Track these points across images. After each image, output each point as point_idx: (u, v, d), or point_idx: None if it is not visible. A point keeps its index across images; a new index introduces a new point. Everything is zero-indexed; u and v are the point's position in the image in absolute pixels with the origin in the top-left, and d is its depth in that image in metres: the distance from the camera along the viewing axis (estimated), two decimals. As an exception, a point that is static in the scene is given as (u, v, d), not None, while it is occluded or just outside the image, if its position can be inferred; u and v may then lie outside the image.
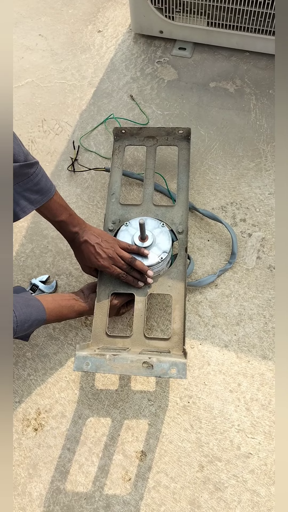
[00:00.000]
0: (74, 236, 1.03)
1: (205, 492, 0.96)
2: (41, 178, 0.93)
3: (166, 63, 1.58)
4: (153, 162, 1.23)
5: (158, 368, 0.84)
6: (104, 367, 0.85)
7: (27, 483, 1.01)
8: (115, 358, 0.85)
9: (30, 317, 0.91)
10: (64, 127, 1.48)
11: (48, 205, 0.96)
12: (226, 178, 1.33)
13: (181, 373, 0.83)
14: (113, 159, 1.25)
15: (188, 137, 1.24)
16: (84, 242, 1.03)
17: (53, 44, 1.69)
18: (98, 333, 1.03)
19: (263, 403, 1.03)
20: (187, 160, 1.22)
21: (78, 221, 1.04)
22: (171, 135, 1.25)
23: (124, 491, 0.98)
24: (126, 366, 0.85)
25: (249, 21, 1.40)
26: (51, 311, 0.97)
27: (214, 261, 1.21)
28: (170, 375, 0.83)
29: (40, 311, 0.94)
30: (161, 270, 1.08)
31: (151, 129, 1.25)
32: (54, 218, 1.00)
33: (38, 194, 0.93)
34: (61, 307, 1.01)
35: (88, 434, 1.04)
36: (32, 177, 0.90)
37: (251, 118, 1.43)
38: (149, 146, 1.25)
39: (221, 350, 1.10)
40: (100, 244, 1.02)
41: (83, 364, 0.86)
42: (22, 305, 0.90)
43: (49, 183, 0.95)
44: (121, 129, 1.26)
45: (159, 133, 1.25)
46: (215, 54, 1.58)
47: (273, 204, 1.28)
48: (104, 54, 1.63)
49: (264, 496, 0.95)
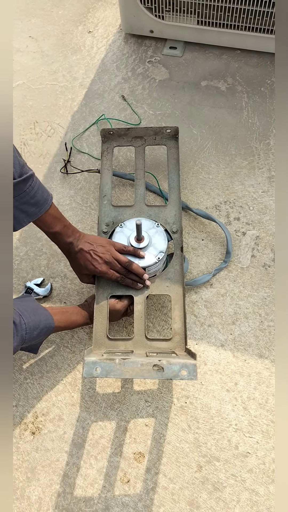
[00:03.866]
0: (69, 247, 1.03)
1: (204, 492, 0.96)
2: (37, 190, 0.92)
3: (157, 62, 1.58)
4: (143, 162, 1.22)
5: (168, 370, 0.83)
6: (115, 372, 0.84)
7: (26, 487, 1.00)
8: (125, 362, 0.85)
9: (39, 324, 0.91)
10: (56, 129, 1.48)
11: (43, 217, 0.96)
12: (219, 177, 1.33)
13: (192, 374, 0.83)
14: (102, 161, 1.24)
15: (176, 135, 1.23)
16: (79, 251, 1.02)
17: (43, 46, 1.68)
18: (99, 336, 1.02)
19: (260, 402, 1.03)
20: (176, 159, 1.21)
21: (73, 231, 1.03)
22: (159, 134, 1.24)
23: (123, 493, 0.98)
24: (136, 369, 0.84)
25: (239, 19, 1.39)
26: (59, 318, 0.98)
27: (209, 260, 1.21)
28: (181, 377, 0.83)
29: (48, 319, 0.94)
30: (158, 270, 1.08)
31: (139, 129, 1.24)
32: (48, 229, 1.00)
33: (35, 206, 0.93)
34: (69, 314, 1.01)
35: (86, 437, 1.03)
36: (28, 190, 0.90)
37: (243, 116, 1.43)
38: (137, 146, 1.25)
39: (218, 349, 1.10)
40: (95, 250, 1.02)
41: (92, 370, 0.85)
42: (30, 313, 0.90)
43: (45, 194, 0.95)
44: (109, 130, 1.25)
45: (146, 133, 1.24)
46: (206, 53, 1.57)
47: (267, 202, 1.28)
48: (95, 54, 1.63)
49: (263, 495, 0.95)
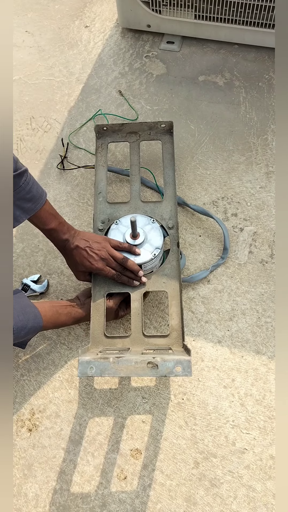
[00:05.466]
0: (64, 244, 1.03)
1: (201, 489, 0.96)
2: (32, 186, 0.93)
3: (155, 57, 1.56)
4: (138, 157, 1.21)
5: (163, 367, 0.82)
6: (109, 371, 0.84)
7: (23, 484, 1.00)
8: (119, 361, 0.84)
9: (27, 324, 0.90)
10: (53, 124, 1.47)
11: (38, 214, 0.96)
12: (216, 172, 1.32)
13: (187, 370, 0.82)
14: (96, 157, 1.23)
15: (171, 130, 1.22)
16: (75, 248, 1.02)
17: (40, 41, 1.67)
18: (97, 335, 1.02)
19: (257, 398, 1.03)
20: (171, 154, 1.20)
21: (68, 228, 1.03)
22: (153, 129, 1.23)
23: (120, 489, 0.98)
24: (131, 368, 0.83)
25: (237, 13, 1.38)
26: (49, 318, 0.97)
27: (206, 256, 1.20)
28: (176, 374, 0.82)
29: (37, 319, 0.93)
30: (154, 266, 1.08)
31: (133, 124, 1.23)
32: (44, 226, 1.00)
33: (30, 202, 0.93)
34: (58, 314, 1.00)
35: (83, 434, 1.03)
36: (24, 185, 0.90)
37: (240, 112, 1.42)
38: (132, 142, 1.23)
39: (215, 346, 1.09)
40: (91, 247, 1.02)
41: (87, 369, 0.84)
42: (19, 312, 0.90)
43: (40, 190, 0.95)
44: (103, 126, 1.23)
45: (141, 128, 1.23)
46: (204, 47, 1.56)
47: (264, 198, 1.27)
48: (92, 49, 1.62)
49: (260, 491, 0.95)
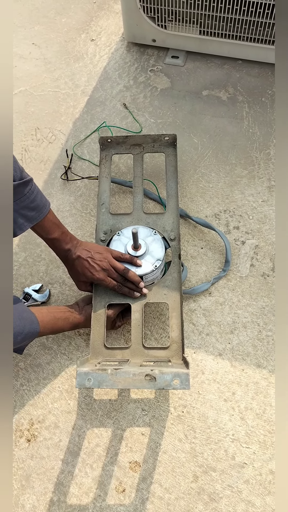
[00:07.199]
0: (66, 254, 1.04)
1: (200, 503, 0.95)
2: (37, 195, 0.94)
3: (159, 71, 1.59)
4: (141, 170, 1.22)
5: (161, 380, 0.82)
6: (107, 382, 0.83)
7: (20, 495, 0.99)
8: (117, 372, 0.84)
9: (23, 330, 0.90)
10: (58, 136, 1.48)
11: (41, 223, 0.97)
12: (219, 185, 1.33)
13: (185, 384, 0.82)
14: (100, 168, 1.24)
15: (175, 143, 1.24)
16: (77, 258, 1.03)
17: (46, 53, 1.69)
18: (97, 345, 1.02)
19: (257, 412, 1.03)
20: (174, 166, 1.21)
21: (71, 238, 1.04)
22: (157, 142, 1.25)
23: (118, 502, 0.97)
24: (128, 380, 0.83)
25: (241, 30, 1.40)
26: (46, 324, 0.97)
27: (207, 269, 1.21)
28: (173, 387, 0.82)
29: (34, 324, 0.94)
30: (156, 278, 1.08)
31: (137, 137, 1.25)
32: (47, 236, 1.01)
33: (34, 211, 0.94)
34: (56, 320, 1.00)
35: (82, 445, 1.03)
36: (28, 194, 0.92)
37: (243, 126, 1.44)
38: (135, 154, 1.25)
39: (215, 358, 1.09)
40: (93, 257, 1.02)
41: (85, 380, 0.84)
42: (16, 317, 0.90)
43: (44, 199, 0.97)
44: (107, 138, 1.25)
45: (145, 140, 1.25)
46: (208, 62, 1.58)
47: (266, 211, 1.28)
48: (97, 62, 1.64)
49: (259, 506, 0.94)
